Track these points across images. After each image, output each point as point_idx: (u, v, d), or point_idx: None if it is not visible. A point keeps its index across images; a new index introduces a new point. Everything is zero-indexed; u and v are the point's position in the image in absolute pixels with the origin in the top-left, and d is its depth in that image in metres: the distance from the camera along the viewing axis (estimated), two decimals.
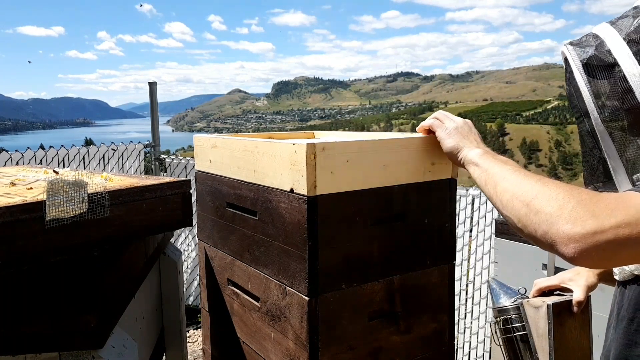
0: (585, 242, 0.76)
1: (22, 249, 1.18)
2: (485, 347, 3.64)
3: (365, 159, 1.24)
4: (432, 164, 1.35)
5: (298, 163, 1.18)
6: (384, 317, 1.34)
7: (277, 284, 1.33)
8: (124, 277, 1.49)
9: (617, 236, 0.75)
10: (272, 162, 1.30)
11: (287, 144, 1.22)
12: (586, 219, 0.77)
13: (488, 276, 3.54)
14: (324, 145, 1.17)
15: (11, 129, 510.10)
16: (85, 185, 1.30)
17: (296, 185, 1.20)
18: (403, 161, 1.31)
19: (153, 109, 4.78)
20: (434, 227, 1.41)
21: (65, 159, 4.06)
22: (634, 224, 0.75)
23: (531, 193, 0.88)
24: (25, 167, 2.13)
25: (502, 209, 0.95)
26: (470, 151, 1.19)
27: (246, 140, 1.44)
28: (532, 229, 0.85)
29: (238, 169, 1.48)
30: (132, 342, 1.46)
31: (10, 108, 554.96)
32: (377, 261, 1.31)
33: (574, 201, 0.80)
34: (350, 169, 1.22)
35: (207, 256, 1.75)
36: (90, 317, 1.24)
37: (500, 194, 0.97)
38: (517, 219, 0.89)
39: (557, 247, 0.80)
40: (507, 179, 0.98)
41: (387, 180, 1.29)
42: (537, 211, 0.84)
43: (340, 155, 1.20)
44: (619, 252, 0.77)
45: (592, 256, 0.77)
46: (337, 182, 1.20)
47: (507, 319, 1.40)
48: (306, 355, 1.23)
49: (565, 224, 0.78)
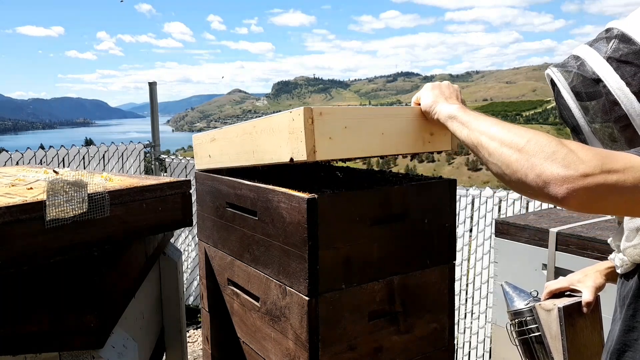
0: (576, 184, 0.81)
1: (22, 249, 1.18)
2: (485, 347, 3.64)
3: (363, 125, 1.24)
4: (430, 134, 1.34)
5: (296, 130, 1.17)
6: (384, 317, 1.34)
7: (277, 284, 1.33)
8: (124, 277, 1.49)
9: (606, 181, 0.80)
10: (270, 138, 1.29)
11: (285, 113, 1.22)
12: (578, 164, 0.82)
13: (488, 276, 3.54)
14: (321, 110, 1.17)
15: (11, 129, 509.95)
16: (85, 185, 1.30)
17: (295, 153, 1.19)
18: (401, 130, 1.30)
19: (153, 109, 4.78)
20: (434, 227, 1.41)
21: (65, 159, 4.06)
22: (621, 172, 0.81)
23: (522, 139, 0.91)
24: (25, 167, 2.13)
25: (489, 156, 0.97)
26: (448, 106, 1.20)
27: (244, 123, 1.44)
28: (523, 173, 0.87)
29: (237, 155, 1.47)
30: (132, 342, 1.46)
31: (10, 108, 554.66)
32: (377, 261, 1.31)
33: (566, 149, 0.85)
34: (348, 135, 1.21)
35: (207, 256, 1.75)
36: (90, 317, 1.24)
37: (487, 142, 0.98)
38: (507, 165, 0.91)
39: (550, 189, 0.83)
40: (492, 129, 1.00)
41: (386, 149, 1.28)
42: (531, 155, 0.87)
43: (338, 121, 1.19)
44: (606, 197, 0.82)
45: (582, 198, 0.81)
46: (336, 148, 1.19)
47: (521, 321, 1.46)
48: (306, 355, 1.23)
49: (559, 167, 0.83)
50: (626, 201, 0.82)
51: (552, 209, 3.12)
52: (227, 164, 1.53)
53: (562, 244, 2.48)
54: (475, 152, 1.05)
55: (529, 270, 2.65)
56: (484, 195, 3.60)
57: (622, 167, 0.81)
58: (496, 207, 3.56)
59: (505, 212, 3.49)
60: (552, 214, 2.86)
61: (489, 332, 3.53)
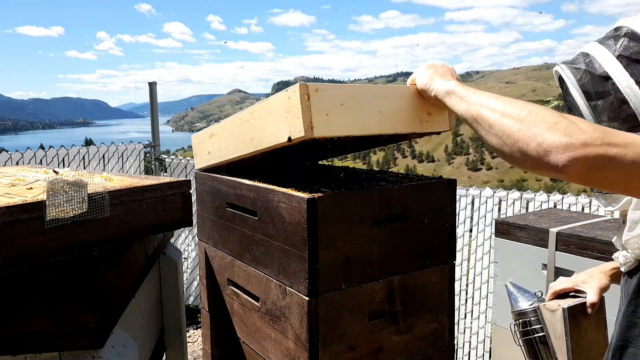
0: (577, 152, 0.82)
1: (22, 249, 1.18)
2: (485, 347, 3.64)
3: (360, 103, 1.24)
4: (428, 114, 1.34)
5: (293, 107, 1.17)
6: (384, 317, 1.34)
7: (277, 284, 1.33)
8: (124, 277, 1.49)
9: (606, 152, 0.81)
10: (267, 121, 1.29)
11: (281, 93, 1.22)
12: (580, 133, 0.83)
13: (488, 276, 3.54)
14: (317, 86, 1.17)
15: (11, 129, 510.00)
16: (85, 185, 1.30)
17: (293, 131, 1.18)
18: (398, 108, 1.30)
19: (153, 109, 4.78)
20: (434, 227, 1.41)
21: (65, 159, 4.06)
22: (622, 146, 0.82)
23: (524, 111, 0.92)
24: (25, 167, 2.13)
25: (489, 128, 0.98)
26: (445, 82, 1.20)
27: (242, 112, 1.44)
28: (525, 142, 0.88)
29: (236, 146, 1.47)
30: (132, 342, 1.46)
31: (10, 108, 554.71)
32: (377, 261, 1.31)
33: (568, 120, 0.86)
34: (345, 112, 1.21)
35: (207, 256, 1.75)
36: (90, 317, 1.24)
37: (487, 114, 0.99)
38: (507, 135, 0.92)
39: (551, 157, 0.84)
40: (492, 101, 1.01)
41: (384, 127, 1.28)
42: (532, 125, 0.88)
43: (334, 98, 1.19)
44: (605, 169, 0.82)
45: (582, 167, 0.82)
46: (334, 124, 1.19)
47: (526, 321, 1.46)
48: (306, 355, 1.23)
49: (561, 136, 0.84)
50: (624, 175, 0.83)
51: (552, 209, 3.12)
52: (226, 157, 1.53)
53: (562, 244, 2.48)
54: (474, 125, 1.05)
55: (529, 270, 2.65)
56: (484, 195, 3.60)
57: (623, 142, 0.82)
58: (496, 207, 3.56)
59: (505, 212, 3.49)
60: (552, 214, 2.87)
61: (489, 332, 3.54)
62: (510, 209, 3.47)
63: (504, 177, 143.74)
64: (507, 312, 2.78)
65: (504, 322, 2.83)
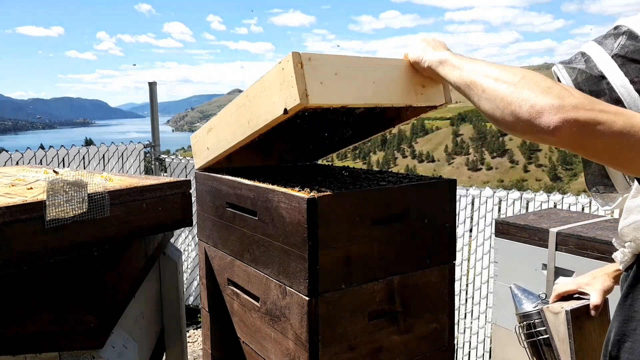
0: (569, 114, 0.83)
1: (22, 249, 1.18)
2: (485, 347, 3.65)
3: (354, 73, 1.24)
4: (422, 86, 1.35)
5: (287, 77, 1.17)
6: (384, 317, 1.34)
7: (277, 284, 1.33)
8: (124, 277, 1.49)
9: (596, 117, 0.83)
10: (263, 99, 1.29)
11: (274, 66, 1.23)
12: (572, 98, 0.86)
13: (488, 276, 3.54)
14: (309, 55, 1.17)
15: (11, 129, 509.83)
16: (85, 185, 1.30)
17: (288, 101, 1.18)
18: (393, 79, 1.30)
19: (153, 109, 4.78)
20: (434, 227, 1.41)
21: (65, 159, 4.06)
22: (612, 114, 0.83)
23: (517, 76, 0.94)
24: (25, 167, 2.13)
25: (482, 93, 0.99)
26: (438, 53, 1.21)
27: (237, 97, 1.45)
28: (517, 104, 0.90)
29: (233, 134, 1.47)
30: (132, 342, 1.46)
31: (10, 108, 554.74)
32: (377, 261, 1.31)
33: (560, 86, 0.89)
34: (340, 81, 1.21)
35: (207, 256, 1.75)
36: (90, 317, 1.24)
37: (481, 80, 1.01)
38: (501, 99, 0.94)
39: (542, 118, 0.85)
40: (486, 68, 1.03)
41: (379, 98, 1.29)
42: (526, 88, 0.90)
43: (327, 67, 1.19)
44: (595, 135, 0.83)
45: (572, 130, 0.83)
46: (329, 93, 1.19)
47: (530, 324, 1.47)
48: (306, 355, 1.23)
49: (554, 99, 0.86)
50: (612, 143, 0.83)
51: (552, 209, 3.12)
52: (225, 147, 1.53)
53: (562, 244, 2.48)
54: (467, 92, 1.07)
55: (529, 270, 2.65)
56: (484, 195, 3.60)
57: (614, 111, 0.84)
58: (496, 207, 3.56)
59: (505, 212, 3.49)
60: (552, 214, 2.87)
61: (489, 332, 3.54)
62: (510, 209, 3.47)
63: (504, 177, 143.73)
64: (507, 312, 2.78)
65: (504, 322, 2.83)
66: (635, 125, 0.83)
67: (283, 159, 1.87)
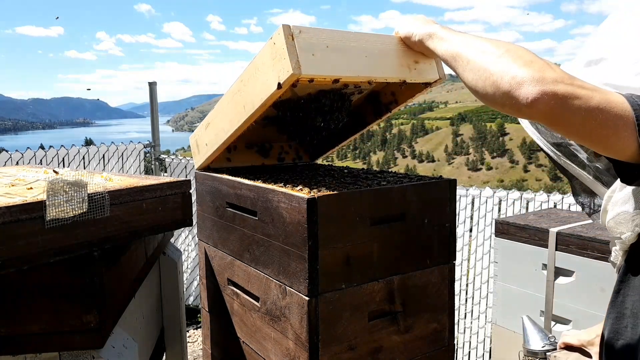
0: (548, 87, 0.85)
1: (22, 249, 1.18)
2: (485, 347, 3.65)
3: (345, 46, 1.25)
4: (415, 62, 1.36)
5: (279, 50, 1.18)
6: (384, 317, 1.34)
7: (277, 284, 1.33)
8: (124, 277, 1.49)
9: (574, 92, 0.85)
10: (257, 80, 1.29)
11: (266, 44, 1.23)
12: (552, 72, 0.88)
13: (488, 276, 3.54)
14: (300, 28, 1.19)
15: (11, 129, 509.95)
16: (85, 185, 1.30)
17: (282, 75, 1.19)
18: (385, 54, 1.31)
19: (153, 109, 4.78)
20: (434, 227, 1.41)
21: (65, 159, 4.06)
22: (590, 91, 0.85)
23: (501, 49, 0.97)
24: (25, 167, 2.13)
25: (466, 64, 1.02)
26: (427, 27, 1.24)
27: (233, 85, 1.45)
28: (499, 75, 0.92)
29: (230, 123, 1.47)
30: (132, 342, 1.46)
31: (10, 108, 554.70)
32: (377, 261, 1.31)
33: (543, 61, 0.91)
34: (332, 54, 1.22)
35: (207, 256, 1.75)
36: (90, 317, 1.24)
37: (466, 52, 1.04)
38: (484, 70, 0.96)
39: (522, 90, 0.87)
40: (471, 40, 1.05)
41: (372, 71, 1.29)
42: (509, 60, 0.92)
43: (318, 39, 1.20)
44: (572, 110, 0.85)
45: (550, 103, 0.85)
46: (321, 64, 1.20)
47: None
48: (306, 355, 1.23)
49: (535, 71, 0.88)
50: (588, 119, 0.85)
51: (552, 209, 3.12)
52: (223, 138, 1.52)
53: (562, 244, 2.48)
54: (452, 64, 1.09)
55: (529, 270, 2.65)
56: (484, 195, 3.60)
57: (592, 88, 0.86)
58: (496, 207, 3.56)
59: (505, 212, 3.49)
60: (552, 214, 2.87)
61: (489, 332, 3.54)
62: (510, 209, 3.47)
63: (504, 177, 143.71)
64: (507, 312, 2.78)
65: (504, 322, 2.83)
66: (611, 102, 0.85)
67: (283, 158, 1.87)
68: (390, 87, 1.58)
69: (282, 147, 1.86)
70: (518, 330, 2.74)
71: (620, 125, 0.84)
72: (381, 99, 1.62)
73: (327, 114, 1.57)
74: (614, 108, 0.84)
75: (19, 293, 1.23)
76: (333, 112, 1.58)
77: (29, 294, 1.24)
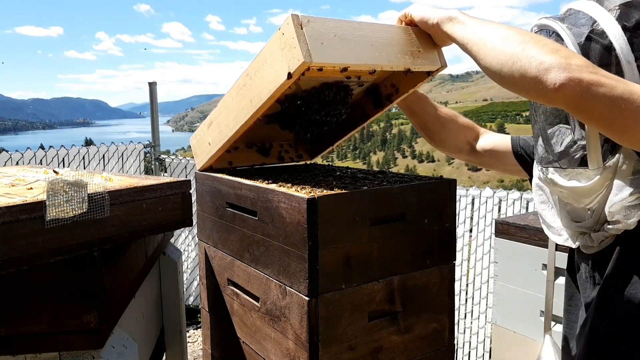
0: (575, 74, 0.87)
1: (22, 249, 1.18)
2: (485, 347, 3.65)
3: (351, 35, 1.26)
4: (418, 50, 1.37)
5: (288, 40, 1.18)
6: (384, 317, 1.34)
7: (277, 284, 1.33)
8: (124, 277, 1.49)
9: (599, 80, 0.87)
10: (264, 71, 1.29)
11: (273, 36, 1.24)
12: (579, 60, 0.90)
13: (488, 276, 3.54)
14: (308, 18, 1.20)
15: (11, 129, 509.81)
16: (85, 185, 1.30)
17: (292, 64, 1.19)
18: (389, 42, 1.33)
19: (153, 109, 4.78)
20: (433, 227, 1.41)
21: (65, 159, 4.06)
22: (614, 80, 0.87)
23: (527, 36, 0.98)
24: (25, 167, 2.13)
25: (490, 50, 1.03)
26: (447, 10, 1.24)
27: (238, 80, 1.44)
28: (527, 61, 0.93)
29: (235, 119, 1.46)
30: (132, 342, 1.46)
31: (10, 108, 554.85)
32: (377, 261, 1.31)
33: (566, 48, 0.94)
34: (339, 43, 1.23)
35: (207, 256, 1.75)
36: (90, 317, 1.24)
37: (490, 38, 1.04)
38: (510, 55, 0.97)
39: (550, 75, 0.89)
40: (494, 27, 1.06)
41: (378, 59, 1.30)
42: (536, 47, 0.94)
43: (326, 29, 1.22)
44: (596, 97, 0.86)
45: (577, 89, 0.87)
46: (330, 53, 1.21)
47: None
48: (306, 355, 1.23)
49: (562, 58, 0.90)
50: (611, 108, 0.86)
51: None
52: (228, 135, 1.51)
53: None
54: (474, 50, 1.09)
55: (529, 270, 2.65)
56: (484, 195, 3.60)
57: (615, 78, 0.89)
58: (496, 207, 3.56)
59: (505, 212, 3.49)
60: None
61: (489, 332, 3.54)
62: (510, 209, 3.47)
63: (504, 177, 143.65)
64: (507, 312, 2.78)
65: (504, 322, 2.83)
66: (634, 93, 0.86)
67: (283, 157, 1.87)
68: (391, 79, 1.59)
69: (281, 146, 1.86)
70: (518, 330, 2.74)
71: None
72: (381, 92, 1.63)
73: (331, 107, 1.57)
74: (637, 99, 0.86)
75: (19, 293, 1.23)
76: (337, 105, 1.58)
77: (29, 294, 1.24)
